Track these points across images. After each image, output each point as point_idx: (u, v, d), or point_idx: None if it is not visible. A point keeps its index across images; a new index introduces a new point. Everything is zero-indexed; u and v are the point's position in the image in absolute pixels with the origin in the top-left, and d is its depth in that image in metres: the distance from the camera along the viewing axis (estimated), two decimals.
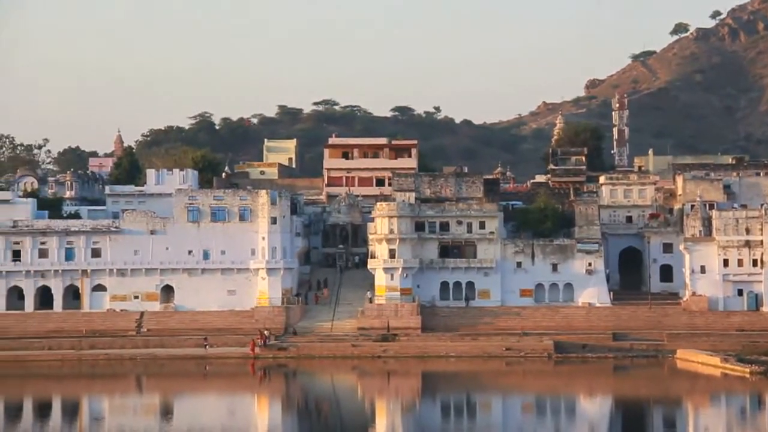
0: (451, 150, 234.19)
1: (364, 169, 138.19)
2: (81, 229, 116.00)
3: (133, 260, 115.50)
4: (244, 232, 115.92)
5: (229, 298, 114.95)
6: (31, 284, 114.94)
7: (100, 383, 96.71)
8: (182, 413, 79.96)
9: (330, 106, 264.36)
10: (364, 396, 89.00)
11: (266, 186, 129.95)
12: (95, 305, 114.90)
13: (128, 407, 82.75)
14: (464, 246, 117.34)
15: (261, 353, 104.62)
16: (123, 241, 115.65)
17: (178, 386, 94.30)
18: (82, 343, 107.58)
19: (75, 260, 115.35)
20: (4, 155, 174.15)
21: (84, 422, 76.05)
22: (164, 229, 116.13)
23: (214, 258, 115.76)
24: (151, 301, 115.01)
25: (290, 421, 77.29)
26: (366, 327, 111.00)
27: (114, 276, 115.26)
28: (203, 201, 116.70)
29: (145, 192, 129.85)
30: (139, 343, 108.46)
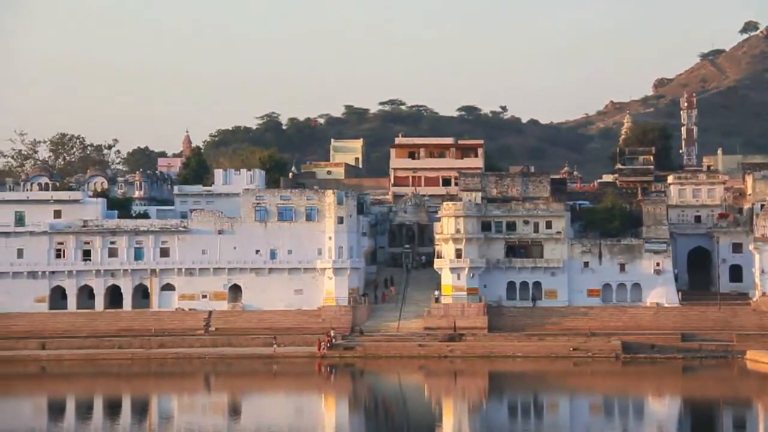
0: (518, 149, 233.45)
1: (430, 169, 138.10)
2: (150, 228, 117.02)
3: (201, 260, 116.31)
4: (310, 232, 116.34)
5: (295, 298, 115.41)
6: (101, 283, 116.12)
7: (168, 382, 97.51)
8: (250, 412, 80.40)
9: (396, 106, 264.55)
10: (430, 396, 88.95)
11: (333, 186, 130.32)
12: (164, 304, 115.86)
13: (197, 406, 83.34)
14: (531, 246, 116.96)
15: (328, 353, 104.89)
16: (191, 241, 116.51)
17: (245, 385, 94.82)
18: (151, 342, 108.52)
19: (144, 260, 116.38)
20: (75, 156, 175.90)
21: (153, 421, 76.67)
22: (232, 228, 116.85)
23: (281, 257, 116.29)
24: (219, 300, 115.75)
25: (357, 420, 77.41)
26: (432, 327, 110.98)
27: (182, 275, 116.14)
28: (270, 201, 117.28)
29: (212, 192, 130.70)
30: (207, 342, 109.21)
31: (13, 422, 75.53)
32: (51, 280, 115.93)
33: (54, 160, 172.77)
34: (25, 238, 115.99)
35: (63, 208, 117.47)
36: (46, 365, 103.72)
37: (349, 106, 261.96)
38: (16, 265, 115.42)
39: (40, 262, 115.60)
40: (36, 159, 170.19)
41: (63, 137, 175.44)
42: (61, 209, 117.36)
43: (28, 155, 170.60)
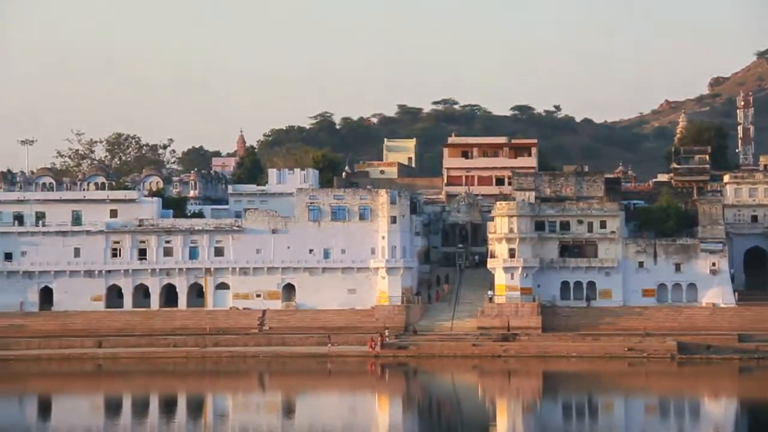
0: (572, 149, 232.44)
1: (483, 169, 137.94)
2: (204, 228, 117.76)
3: (255, 259, 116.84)
4: (364, 231, 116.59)
5: (349, 297, 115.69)
6: (156, 282, 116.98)
7: (223, 380, 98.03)
8: (304, 411, 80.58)
9: (450, 106, 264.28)
10: (484, 395, 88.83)
11: (386, 185, 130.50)
12: (218, 303, 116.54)
13: (251, 405, 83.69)
14: (585, 245, 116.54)
15: (381, 352, 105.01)
16: (245, 240, 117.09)
17: (299, 384, 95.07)
18: (206, 341, 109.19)
19: (199, 259, 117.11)
20: (130, 155, 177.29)
21: (208, 419, 77.08)
22: (286, 228, 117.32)
23: (334, 257, 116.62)
24: (273, 299, 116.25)
25: (410, 420, 77.37)
26: (486, 326, 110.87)
27: (237, 275, 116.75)
28: (324, 200, 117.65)
29: (266, 191, 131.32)
30: (261, 340, 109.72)
31: (70, 420, 76.25)
32: (107, 279, 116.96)
33: (110, 159, 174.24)
34: (82, 238, 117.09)
35: (119, 207, 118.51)
36: (103, 363, 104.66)
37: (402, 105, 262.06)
38: (73, 264, 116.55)
39: (96, 261, 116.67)
40: (93, 159, 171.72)
41: (119, 137, 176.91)
42: (117, 209, 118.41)
43: (85, 155, 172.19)
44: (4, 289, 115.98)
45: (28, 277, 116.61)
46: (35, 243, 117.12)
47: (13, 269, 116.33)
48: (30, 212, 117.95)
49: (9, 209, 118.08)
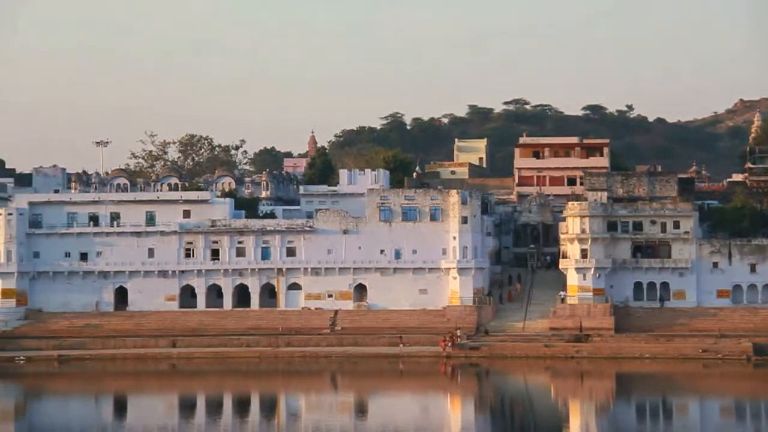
0: (644, 149, 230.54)
1: (555, 169, 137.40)
2: (276, 228, 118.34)
3: (327, 259, 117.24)
4: (435, 232, 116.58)
5: (420, 297, 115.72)
6: (229, 282, 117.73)
7: (296, 380, 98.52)
8: (376, 411, 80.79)
9: (521, 106, 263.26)
10: (557, 397, 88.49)
11: (457, 186, 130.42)
12: (291, 303, 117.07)
13: (324, 404, 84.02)
14: (658, 246, 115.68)
15: (453, 352, 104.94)
16: (317, 241, 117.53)
17: (371, 384, 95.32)
18: (278, 341, 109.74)
19: (271, 259, 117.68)
20: (203, 156, 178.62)
21: (281, 419, 77.53)
22: (357, 228, 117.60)
23: (405, 257, 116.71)
24: (345, 299, 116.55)
25: (483, 420, 77.29)
26: (558, 327, 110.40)
27: (308, 275, 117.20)
28: (395, 201, 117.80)
29: (338, 192, 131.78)
30: (333, 341, 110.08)
31: (146, 419, 77.04)
32: (181, 279, 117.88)
33: (183, 160, 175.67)
34: (155, 238, 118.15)
35: (192, 208, 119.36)
36: (177, 363, 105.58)
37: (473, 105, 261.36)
38: (147, 264, 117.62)
39: (170, 261, 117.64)
40: (166, 160, 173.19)
41: (192, 138, 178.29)
42: (190, 209, 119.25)
43: (158, 156, 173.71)
44: (80, 289, 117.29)
45: (104, 277, 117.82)
46: (110, 243, 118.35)
47: (88, 269, 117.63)
48: (105, 213, 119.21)
49: (84, 210, 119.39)
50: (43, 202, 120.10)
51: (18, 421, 77.93)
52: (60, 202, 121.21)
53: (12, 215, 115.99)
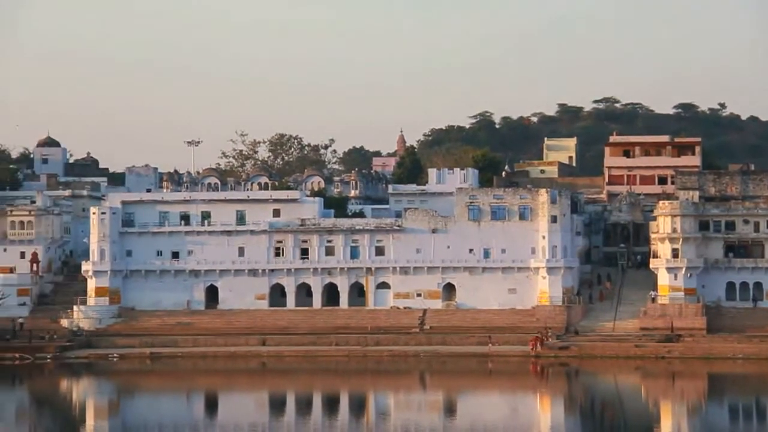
0: (737, 147, 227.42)
1: (645, 168, 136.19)
2: (365, 227, 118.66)
3: (416, 258, 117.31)
4: (524, 231, 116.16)
5: (509, 297, 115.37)
6: (318, 281, 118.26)
7: (384, 379, 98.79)
8: (465, 410, 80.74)
9: (611, 104, 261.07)
10: (647, 397, 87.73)
11: (546, 185, 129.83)
12: (379, 302, 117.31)
13: (413, 403, 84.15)
14: (751, 245, 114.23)
15: (542, 352, 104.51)
16: (405, 240, 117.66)
17: (460, 383, 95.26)
18: (367, 340, 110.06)
19: (360, 258, 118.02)
20: (293, 155, 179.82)
21: (371, 417, 77.77)
22: (445, 227, 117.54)
23: (494, 256, 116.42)
24: (433, 299, 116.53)
25: (573, 421, 76.90)
26: (649, 327, 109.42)
27: (397, 274, 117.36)
28: (484, 200, 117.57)
29: (426, 191, 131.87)
30: (422, 340, 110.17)
31: (236, 417, 77.74)
32: (271, 278, 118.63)
33: (273, 160, 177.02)
34: (245, 237, 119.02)
35: (282, 207, 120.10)
36: (267, 361, 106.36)
37: (562, 104, 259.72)
38: (237, 263, 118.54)
39: (260, 260, 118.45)
40: (256, 159, 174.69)
41: (281, 137, 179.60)
42: (280, 208, 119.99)
43: (248, 155, 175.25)
44: (171, 288, 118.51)
45: (195, 276, 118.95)
46: (201, 242, 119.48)
47: (179, 268, 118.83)
48: (196, 212, 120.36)
49: (176, 209, 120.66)
50: (136, 202, 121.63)
51: (111, 418, 79.11)
52: (152, 201, 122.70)
53: (105, 214, 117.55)
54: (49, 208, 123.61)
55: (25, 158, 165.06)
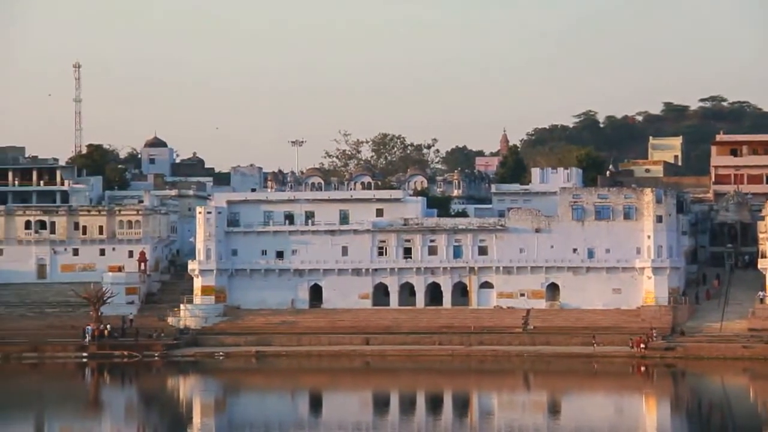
0: None
1: (753, 167, 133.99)
2: (468, 227, 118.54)
3: (519, 258, 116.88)
4: (629, 231, 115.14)
5: (614, 297, 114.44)
6: (421, 281, 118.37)
7: (488, 379, 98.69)
8: (570, 411, 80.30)
9: (717, 103, 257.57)
10: (756, 399, 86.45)
11: (651, 184, 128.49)
12: (482, 302, 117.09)
13: (517, 403, 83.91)
14: None
15: (647, 353, 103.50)
16: (509, 240, 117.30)
17: (564, 384, 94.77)
18: (470, 339, 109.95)
19: (463, 258, 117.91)
20: (396, 155, 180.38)
21: (474, 417, 77.74)
22: (549, 227, 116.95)
23: (598, 256, 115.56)
24: (537, 298, 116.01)
25: (679, 422, 76.12)
26: (757, 328, 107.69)
27: (500, 274, 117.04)
28: (587, 199, 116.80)
29: (530, 190, 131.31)
30: (525, 340, 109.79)
31: (340, 415, 78.24)
32: (374, 277, 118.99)
33: (376, 159, 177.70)
34: (349, 236, 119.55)
35: (385, 206, 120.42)
36: (371, 360, 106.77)
37: (668, 103, 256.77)
38: (341, 262, 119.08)
39: (363, 259, 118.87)
40: (359, 159, 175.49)
41: (384, 137, 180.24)
42: (383, 208, 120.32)
43: (351, 155, 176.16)
44: (276, 287, 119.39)
45: (299, 275, 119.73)
46: (305, 242, 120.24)
47: (284, 267, 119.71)
48: (300, 212, 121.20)
49: (280, 209, 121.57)
50: (241, 201, 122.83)
51: (218, 416, 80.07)
52: (257, 200, 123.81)
53: (211, 214, 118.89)
54: (157, 207, 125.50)
55: (132, 158, 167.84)
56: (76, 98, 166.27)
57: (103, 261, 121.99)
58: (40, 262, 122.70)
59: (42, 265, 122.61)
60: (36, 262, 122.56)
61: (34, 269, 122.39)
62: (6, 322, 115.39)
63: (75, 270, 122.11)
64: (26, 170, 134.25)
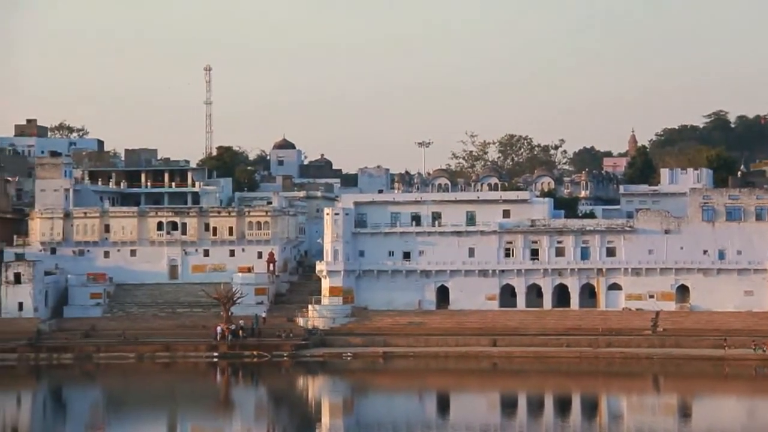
0: None
1: None
2: (596, 228, 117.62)
3: (648, 260, 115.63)
4: (761, 232, 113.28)
5: (746, 299, 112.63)
6: (548, 282, 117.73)
7: (616, 381, 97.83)
8: (700, 414, 79.37)
9: None
10: None
11: None
12: (610, 304, 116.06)
13: (646, 406, 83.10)
14: None
15: None
16: (637, 241, 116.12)
17: (695, 386, 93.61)
18: (598, 341, 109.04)
19: (590, 259, 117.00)
20: (522, 156, 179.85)
21: (603, 419, 77.20)
22: (678, 228, 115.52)
23: (729, 258, 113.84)
24: (666, 300, 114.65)
25: None
26: None
27: (629, 275, 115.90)
28: (718, 200, 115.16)
29: (658, 191, 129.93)
30: (654, 342, 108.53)
31: (468, 416, 78.34)
32: (501, 279, 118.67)
33: (503, 160, 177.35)
34: (476, 237, 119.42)
35: (511, 207, 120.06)
36: (498, 362, 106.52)
37: None
38: (467, 263, 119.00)
39: (490, 260, 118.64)
40: (486, 160, 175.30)
41: (511, 138, 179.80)
42: (510, 209, 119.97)
43: (478, 156, 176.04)
44: (403, 288, 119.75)
45: (425, 276, 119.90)
46: (432, 243, 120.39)
47: (411, 268, 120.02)
48: (427, 213, 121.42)
49: (407, 210, 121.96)
50: (368, 202, 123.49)
51: (346, 417, 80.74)
52: (384, 202, 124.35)
53: (339, 215, 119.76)
54: (285, 209, 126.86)
55: (261, 160, 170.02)
56: (207, 101, 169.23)
57: (233, 262, 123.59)
58: (171, 263, 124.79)
59: (174, 266, 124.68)
60: (168, 263, 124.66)
61: (166, 270, 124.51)
62: (139, 322, 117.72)
63: (205, 270, 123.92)
64: (158, 172, 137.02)
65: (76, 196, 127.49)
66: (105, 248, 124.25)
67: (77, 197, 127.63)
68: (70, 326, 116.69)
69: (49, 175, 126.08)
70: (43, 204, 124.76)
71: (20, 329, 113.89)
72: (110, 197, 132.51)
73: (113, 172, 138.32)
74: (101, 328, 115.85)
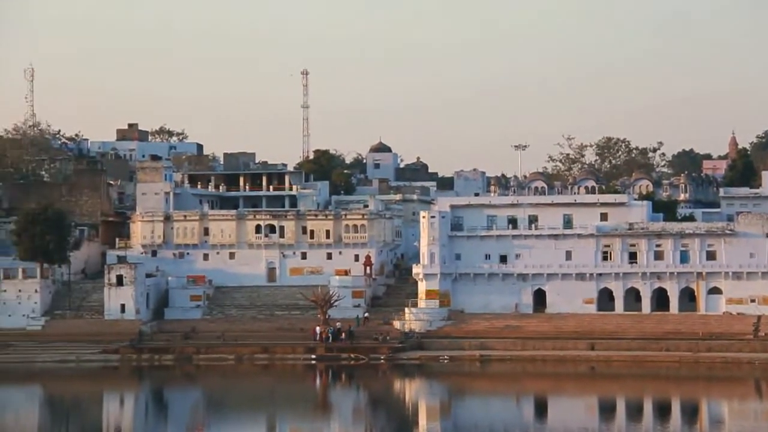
0: None
1: None
2: (695, 231, 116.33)
3: (749, 263, 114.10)
4: None
5: None
6: (647, 286, 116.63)
7: (717, 386, 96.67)
8: None
9: None
10: None
11: None
12: (711, 308, 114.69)
13: (748, 412, 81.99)
14: None
15: None
16: (738, 244, 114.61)
17: None
18: (698, 346, 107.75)
19: (690, 263, 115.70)
20: (620, 159, 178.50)
21: (704, 425, 76.36)
22: None
23: None
24: None
25: None
26: None
27: (729, 279, 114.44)
28: None
29: (760, 194, 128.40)
30: (756, 347, 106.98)
31: (566, 421, 77.99)
32: (598, 282, 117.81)
33: (600, 163, 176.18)
34: (572, 241, 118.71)
35: (609, 210, 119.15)
36: (596, 366, 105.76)
37: None
38: (564, 266, 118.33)
39: (587, 264, 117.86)
40: (583, 163, 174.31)
41: (609, 141, 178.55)
42: (607, 212, 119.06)
43: (575, 159, 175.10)
44: (499, 291, 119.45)
45: (522, 279, 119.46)
46: (528, 246, 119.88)
47: (507, 271, 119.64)
48: (523, 216, 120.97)
49: (503, 213, 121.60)
50: (464, 206, 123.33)
51: (443, 420, 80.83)
52: (480, 205, 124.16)
53: (435, 218, 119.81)
54: (381, 212, 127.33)
55: (358, 163, 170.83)
56: (304, 104, 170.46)
57: (330, 265, 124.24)
58: (270, 266, 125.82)
59: (272, 269, 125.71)
60: (266, 266, 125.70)
61: (264, 272, 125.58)
62: (238, 324, 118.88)
63: (303, 273, 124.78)
64: (256, 175, 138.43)
65: (176, 200, 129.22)
66: (204, 251, 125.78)
67: (177, 200, 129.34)
68: (171, 328, 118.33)
69: (150, 179, 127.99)
70: (144, 207, 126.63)
71: (123, 330, 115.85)
72: (209, 200, 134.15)
73: (212, 175, 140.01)
74: (201, 330, 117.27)
